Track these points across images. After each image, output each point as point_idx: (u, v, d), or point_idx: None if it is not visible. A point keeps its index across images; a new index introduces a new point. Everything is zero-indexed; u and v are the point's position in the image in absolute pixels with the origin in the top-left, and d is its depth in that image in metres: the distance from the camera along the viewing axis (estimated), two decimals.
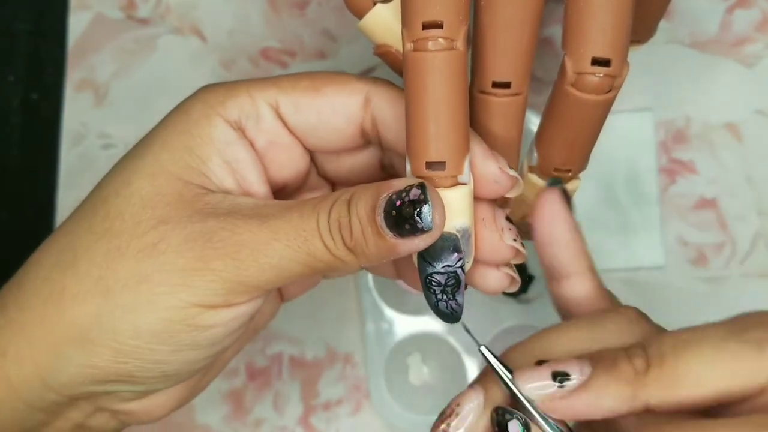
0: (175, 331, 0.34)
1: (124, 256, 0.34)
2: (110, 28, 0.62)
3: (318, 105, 0.37)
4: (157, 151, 0.36)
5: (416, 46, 0.32)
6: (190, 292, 0.34)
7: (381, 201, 0.32)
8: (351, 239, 0.33)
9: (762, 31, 0.60)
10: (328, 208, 0.33)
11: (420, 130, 0.32)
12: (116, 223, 0.35)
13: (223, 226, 0.34)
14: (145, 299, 0.34)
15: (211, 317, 0.34)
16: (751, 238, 0.58)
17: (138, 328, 0.34)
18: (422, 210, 0.32)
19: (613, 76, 0.33)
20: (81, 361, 0.35)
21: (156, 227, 0.34)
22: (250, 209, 0.35)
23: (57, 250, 0.36)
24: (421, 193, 0.32)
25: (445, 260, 0.34)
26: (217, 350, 0.36)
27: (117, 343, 0.34)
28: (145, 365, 0.35)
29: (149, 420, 0.39)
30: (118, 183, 0.36)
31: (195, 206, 0.35)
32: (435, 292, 0.35)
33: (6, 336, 0.35)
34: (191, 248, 0.34)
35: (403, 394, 0.58)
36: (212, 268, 0.33)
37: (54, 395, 0.36)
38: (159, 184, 0.35)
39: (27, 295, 0.35)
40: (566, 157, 0.37)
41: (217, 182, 0.36)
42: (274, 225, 0.34)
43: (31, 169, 0.61)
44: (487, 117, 0.36)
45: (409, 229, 0.32)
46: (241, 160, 0.37)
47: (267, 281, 0.34)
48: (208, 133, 0.36)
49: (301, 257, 0.33)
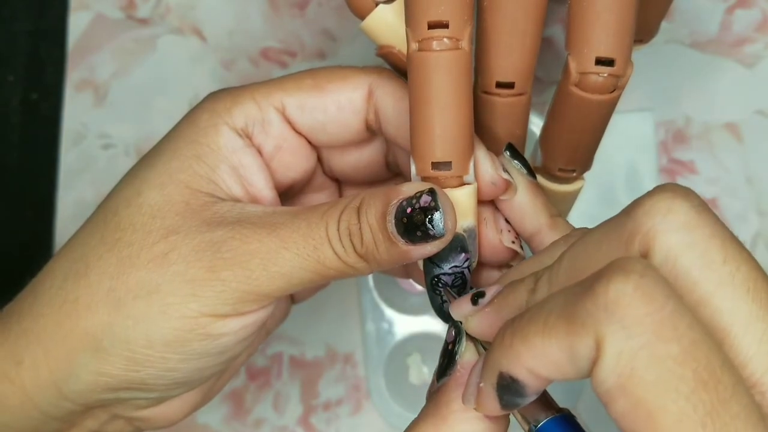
0: (187, 340, 0.34)
1: (135, 266, 0.34)
2: (110, 28, 0.62)
3: (323, 103, 0.37)
4: (166, 161, 0.36)
5: (421, 46, 0.32)
6: (200, 303, 0.34)
7: (391, 208, 0.33)
8: (362, 246, 0.33)
9: (762, 31, 0.60)
10: (337, 216, 0.34)
11: (426, 130, 0.32)
12: (127, 234, 0.35)
13: (232, 236, 0.34)
14: (156, 309, 0.34)
15: (221, 326, 0.34)
16: (751, 238, 0.58)
17: (150, 337, 0.34)
18: (433, 217, 0.32)
19: (617, 75, 0.33)
20: (94, 369, 0.35)
21: (166, 237, 0.34)
22: (259, 218, 0.35)
23: (70, 260, 0.36)
24: (431, 200, 0.32)
25: (453, 261, 0.34)
26: (228, 357, 0.36)
27: (129, 351, 0.34)
28: (158, 373, 0.35)
29: (164, 425, 0.40)
30: (128, 193, 0.36)
31: (203, 216, 0.35)
32: (441, 294, 0.35)
33: (22, 344, 0.36)
34: (200, 258, 0.34)
35: (403, 394, 0.58)
36: (222, 279, 0.34)
37: (69, 403, 0.36)
38: (168, 193, 0.35)
39: (41, 304, 0.36)
40: (570, 157, 0.37)
41: (226, 189, 0.36)
42: (282, 234, 0.34)
43: (31, 168, 0.61)
44: (490, 117, 0.36)
45: (421, 236, 0.32)
46: (248, 166, 0.37)
47: (277, 289, 0.34)
48: (215, 142, 0.36)
49: (311, 265, 0.34)
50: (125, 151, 0.60)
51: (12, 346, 0.36)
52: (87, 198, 0.60)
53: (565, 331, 0.24)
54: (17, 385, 0.35)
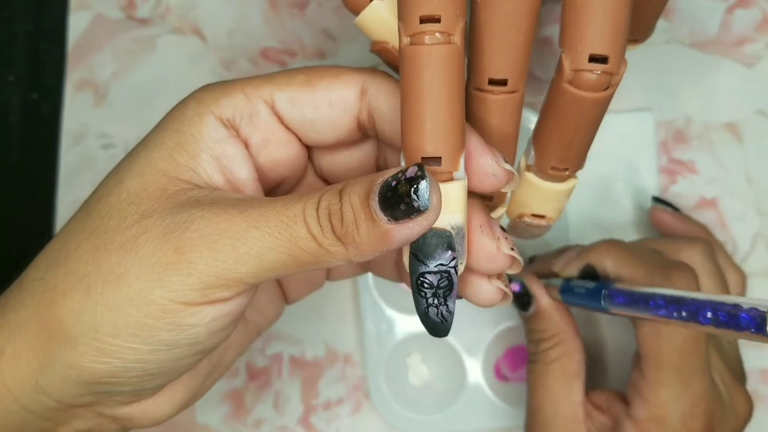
0: (154, 329, 0.33)
1: (108, 252, 0.34)
2: (110, 28, 0.62)
3: (314, 99, 0.37)
4: (149, 151, 0.36)
5: (413, 40, 0.31)
6: (166, 288, 0.33)
7: (376, 186, 0.32)
8: (341, 227, 0.32)
9: (762, 31, 0.60)
10: (316, 197, 0.33)
11: (416, 124, 0.32)
12: (105, 221, 0.34)
13: (201, 215, 0.33)
14: (123, 296, 0.33)
15: (190, 316, 0.33)
16: (751, 238, 0.58)
17: (117, 325, 0.33)
18: (419, 186, 0.31)
19: (611, 73, 0.33)
20: (65, 361, 0.34)
21: (139, 221, 0.34)
22: (234, 200, 0.34)
23: (54, 250, 0.36)
24: (418, 169, 0.31)
25: (439, 258, 0.33)
26: (202, 349, 0.35)
27: (98, 341, 0.33)
28: (126, 365, 0.34)
29: (151, 423, 0.39)
30: (112, 182, 0.36)
31: (179, 199, 0.34)
32: (426, 296, 0.34)
33: (4, 336, 0.35)
34: (168, 240, 0.33)
35: (403, 394, 0.58)
36: (188, 260, 0.32)
37: (46, 398, 0.35)
38: (146, 181, 0.35)
39: (23, 295, 0.35)
40: (563, 155, 0.37)
41: (206, 178, 0.36)
42: (255, 213, 0.33)
43: (31, 168, 0.61)
44: (483, 114, 0.36)
45: (405, 209, 0.31)
46: (230, 156, 0.36)
47: (247, 273, 0.33)
48: (199, 131, 0.36)
49: (282, 245, 0.32)
50: (125, 151, 0.60)
51: None
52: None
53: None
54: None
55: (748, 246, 0.58)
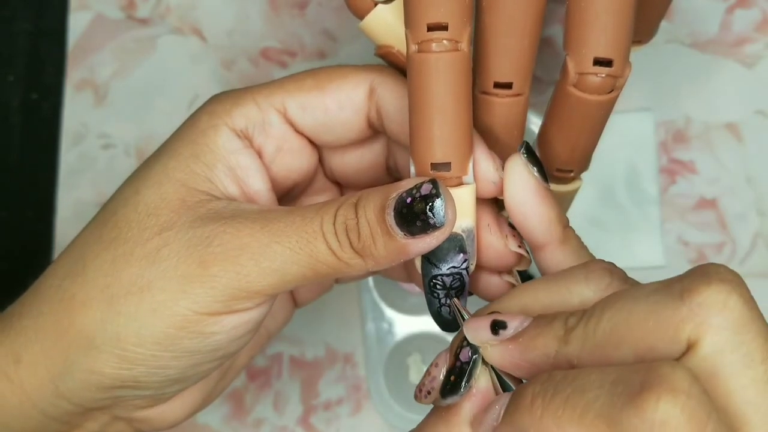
0: (177, 338, 0.34)
1: (129, 263, 0.34)
2: (110, 28, 0.62)
3: (324, 102, 0.37)
4: (165, 161, 0.36)
5: (421, 47, 0.32)
6: (190, 300, 0.33)
7: (390, 201, 0.32)
8: (359, 241, 0.33)
9: (762, 31, 0.60)
10: (333, 211, 0.33)
11: (425, 131, 0.32)
12: (123, 231, 0.35)
13: (223, 230, 0.34)
14: (147, 307, 0.34)
15: (212, 324, 0.34)
16: (751, 238, 0.58)
17: (141, 335, 0.34)
18: (434, 204, 0.31)
19: (615, 76, 0.33)
20: (87, 367, 0.35)
21: (160, 233, 0.34)
22: (253, 214, 0.34)
23: (71, 259, 0.36)
24: (432, 187, 0.32)
25: (451, 261, 0.34)
26: (222, 355, 0.36)
27: (120, 350, 0.34)
28: (150, 371, 0.35)
29: (165, 427, 0.39)
30: (127, 193, 0.36)
31: (198, 212, 0.35)
32: (438, 296, 0.35)
33: (21, 342, 0.36)
34: (191, 254, 0.34)
35: (403, 394, 0.58)
36: (212, 274, 0.33)
37: (65, 403, 0.36)
38: (164, 191, 0.35)
39: (41, 302, 0.36)
40: (568, 157, 0.37)
41: (222, 188, 0.36)
42: (275, 228, 0.33)
43: (31, 168, 0.61)
44: (488, 118, 0.36)
45: (421, 226, 0.32)
46: (245, 167, 0.37)
47: (269, 286, 0.34)
48: (214, 142, 0.36)
49: (303, 260, 0.33)
50: (125, 151, 0.60)
51: (11, 345, 0.36)
52: (87, 198, 0.60)
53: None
54: (16, 383, 0.35)
55: (748, 246, 0.58)
